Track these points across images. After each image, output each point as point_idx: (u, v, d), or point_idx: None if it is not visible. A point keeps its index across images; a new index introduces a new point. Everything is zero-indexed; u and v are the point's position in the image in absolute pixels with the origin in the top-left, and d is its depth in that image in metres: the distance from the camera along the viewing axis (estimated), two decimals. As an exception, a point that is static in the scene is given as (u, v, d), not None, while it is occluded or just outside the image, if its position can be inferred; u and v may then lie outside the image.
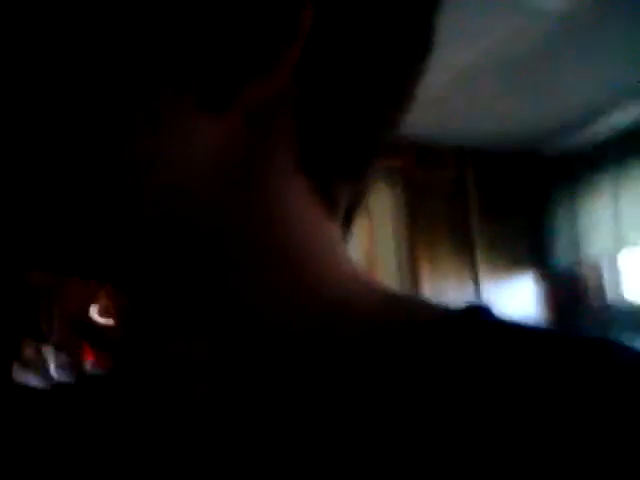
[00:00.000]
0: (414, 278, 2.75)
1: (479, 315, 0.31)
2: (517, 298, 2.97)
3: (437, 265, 2.80)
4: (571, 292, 3.04)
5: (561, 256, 3.05)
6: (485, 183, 3.01)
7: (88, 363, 2.06)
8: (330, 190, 0.32)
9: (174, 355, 0.32)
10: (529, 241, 3.08)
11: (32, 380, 1.97)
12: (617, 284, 2.98)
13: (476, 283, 2.88)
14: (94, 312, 2.13)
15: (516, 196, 3.11)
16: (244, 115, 0.28)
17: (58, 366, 2.06)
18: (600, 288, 2.99)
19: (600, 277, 2.99)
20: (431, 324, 0.30)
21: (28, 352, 1.99)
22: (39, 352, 2.01)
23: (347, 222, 0.35)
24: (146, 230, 0.29)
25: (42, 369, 2.03)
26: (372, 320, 0.30)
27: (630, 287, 2.94)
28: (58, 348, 2.06)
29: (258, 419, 0.29)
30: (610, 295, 2.97)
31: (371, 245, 2.86)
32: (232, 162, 0.29)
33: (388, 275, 2.80)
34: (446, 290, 2.78)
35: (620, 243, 2.84)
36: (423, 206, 2.82)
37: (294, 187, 0.31)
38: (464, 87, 2.38)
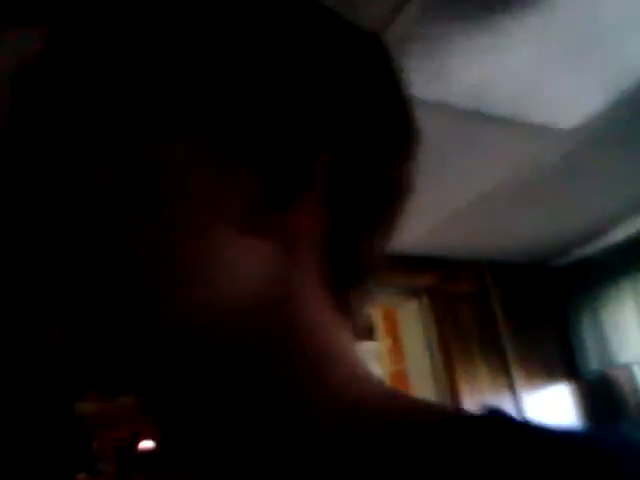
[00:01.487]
0: (451, 391, 2.73)
1: (493, 418, 0.32)
2: (554, 405, 2.92)
3: (472, 377, 2.79)
4: (605, 397, 3.01)
5: (591, 362, 3.03)
6: (509, 295, 3.04)
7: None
8: (345, 300, 0.36)
9: (211, 471, 0.33)
10: (558, 349, 3.07)
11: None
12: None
13: (512, 392, 2.84)
14: (143, 443, 2.15)
15: (539, 306, 3.13)
16: (285, 238, 0.33)
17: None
18: (634, 391, 2.96)
19: (633, 380, 2.97)
20: (445, 426, 0.31)
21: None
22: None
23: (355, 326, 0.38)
24: (185, 341, 0.31)
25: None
26: (387, 420, 0.32)
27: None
28: (109, 477, 2.06)
29: None
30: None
31: (400, 363, 2.87)
32: (269, 277, 0.32)
33: (422, 390, 2.80)
34: (484, 401, 2.75)
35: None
36: (452, 320, 2.85)
37: (318, 299, 0.34)
38: (483, 208, 2.47)
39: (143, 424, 2.14)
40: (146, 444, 2.16)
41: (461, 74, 1.58)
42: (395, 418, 0.32)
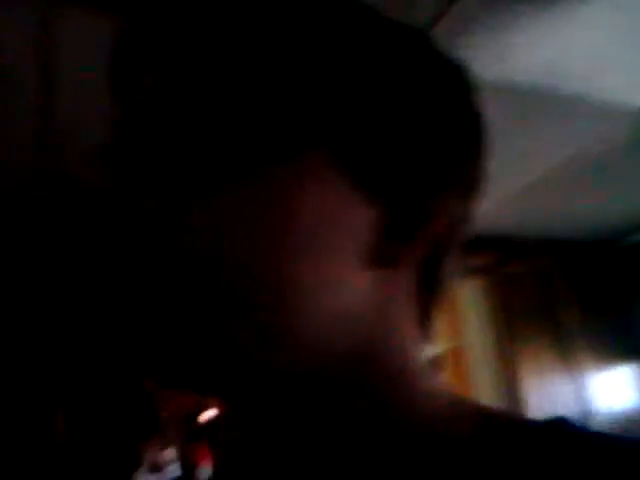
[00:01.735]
0: (510, 373, 2.72)
1: (560, 426, 0.33)
2: (620, 387, 2.87)
3: (533, 357, 2.75)
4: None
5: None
6: (575, 274, 2.99)
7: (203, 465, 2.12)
8: (426, 313, 0.38)
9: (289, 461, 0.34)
10: (626, 330, 3.00)
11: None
12: None
13: (575, 373, 2.81)
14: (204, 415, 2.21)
15: (607, 285, 3.06)
16: (395, 267, 0.34)
17: (171, 462, 2.12)
18: None
19: None
20: (511, 434, 0.33)
21: (145, 455, 2.06)
22: (155, 454, 2.08)
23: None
24: (287, 353, 0.32)
25: (159, 469, 2.09)
26: (460, 430, 0.34)
27: None
28: (170, 445, 2.13)
29: None
30: None
31: (458, 340, 2.85)
32: (372, 302, 0.34)
33: (480, 368, 2.79)
34: (544, 383, 2.73)
35: None
36: (513, 300, 2.81)
37: (407, 318, 0.36)
38: (549, 185, 2.42)
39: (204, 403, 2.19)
40: (209, 413, 2.22)
41: (529, 52, 1.54)
42: (465, 428, 0.34)
